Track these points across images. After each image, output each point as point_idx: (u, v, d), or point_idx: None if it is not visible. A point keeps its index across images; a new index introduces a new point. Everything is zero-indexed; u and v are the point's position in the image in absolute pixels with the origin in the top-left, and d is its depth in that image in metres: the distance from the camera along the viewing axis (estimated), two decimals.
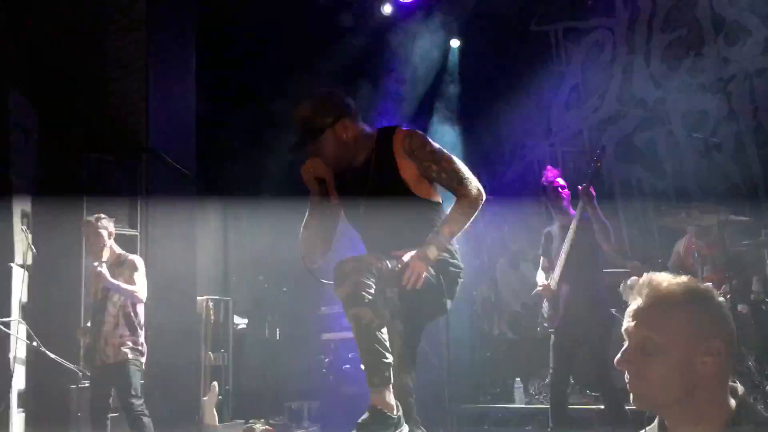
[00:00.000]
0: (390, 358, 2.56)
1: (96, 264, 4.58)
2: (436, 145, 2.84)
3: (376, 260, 2.64)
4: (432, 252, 2.70)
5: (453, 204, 2.81)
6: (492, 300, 7.26)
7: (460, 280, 2.91)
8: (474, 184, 2.80)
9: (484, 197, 2.81)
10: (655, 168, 7.27)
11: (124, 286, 4.59)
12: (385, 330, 2.59)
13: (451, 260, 2.85)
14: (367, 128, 2.94)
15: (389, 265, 2.65)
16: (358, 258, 2.65)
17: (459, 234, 2.81)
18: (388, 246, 2.77)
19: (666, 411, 1.51)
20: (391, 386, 2.57)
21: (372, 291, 2.54)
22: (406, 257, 2.68)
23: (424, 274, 2.67)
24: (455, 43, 8.22)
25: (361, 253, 2.88)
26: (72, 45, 6.30)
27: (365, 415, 2.51)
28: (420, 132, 2.87)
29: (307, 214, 2.96)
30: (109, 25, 6.54)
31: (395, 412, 2.55)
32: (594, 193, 4.52)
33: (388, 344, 2.57)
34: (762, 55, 6.59)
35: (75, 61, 6.30)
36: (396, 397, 2.61)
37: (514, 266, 8.13)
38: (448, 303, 2.86)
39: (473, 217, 2.80)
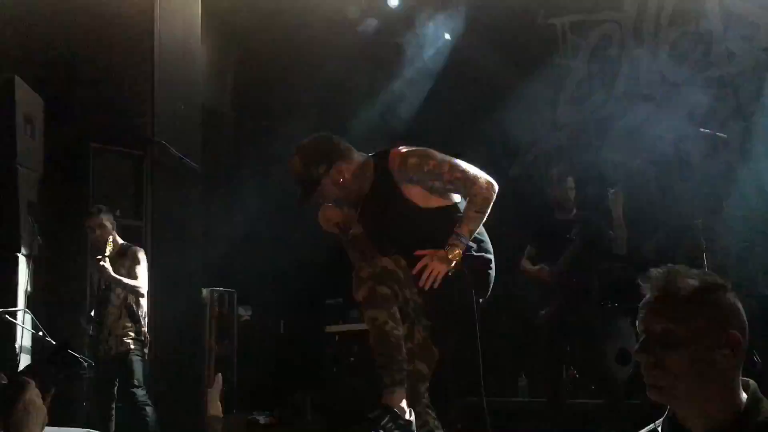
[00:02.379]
0: (404, 362, 2.62)
1: (99, 258, 4.59)
2: (435, 159, 2.82)
3: (393, 263, 2.71)
4: (453, 253, 2.72)
5: (467, 203, 2.83)
6: (497, 295, 7.23)
7: (491, 272, 2.93)
8: (483, 179, 2.82)
9: (497, 188, 2.82)
10: (662, 163, 7.24)
11: (125, 281, 4.61)
12: (400, 332, 2.65)
13: (476, 253, 2.87)
14: (362, 157, 2.97)
15: (407, 268, 2.69)
16: (374, 263, 2.71)
17: (478, 228, 2.84)
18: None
19: (681, 403, 1.51)
20: (403, 390, 2.61)
21: (388, 293, 2.61)
22: (427, 259, 2.72)
23: (447, 273, 2.71)
24: (461, 35, 8.17)
25: None
26: (78, 34, 6.30)
27: (377, 412, 2.55)
28: (414, 153, 2.84)
29: (347, 248, 3.05)
30: (116, 14, 6.52)
31: (406, 416, 2.59)
32: (621, 198, 4.53)
33: (403, 347, 2.64)
34: None
35: (80, 50, 6.29)
36: (408, 385, 2.65)
37: (518, 261, 8.10)
38: (480, 299, 2.89)
39: (489, 210, 2.82)
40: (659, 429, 1.59)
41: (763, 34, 6.60)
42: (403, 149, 2.88)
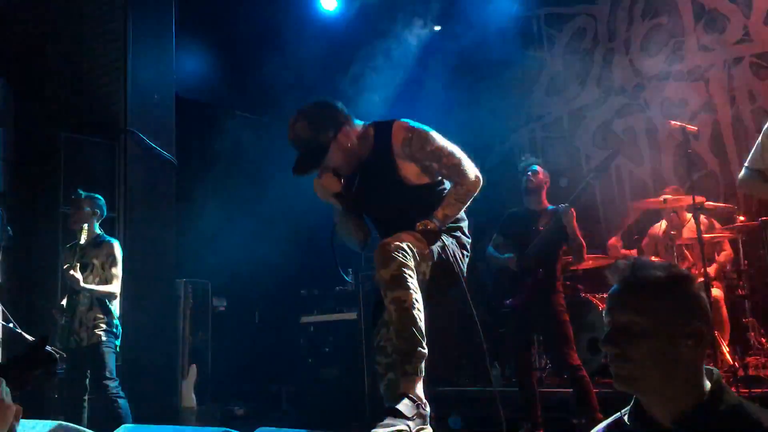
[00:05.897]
0: (425, 349, 2.50)
1: (67, 266, 4.53)
2: (437, 142, 2.81)
3: (415, 239, 2.62)
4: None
5: (451, 188, 2.84)
6: (471, 284, 7.28)
7: (468, 255, 2.96)
8: (473, 172, 2.82)
9: (482, 183, 2.83)
10: (633, 154, 7.33)
11: (97, 288, 4.57)
12: (423, 314, 2.52)
13: (464, 237, 2.92)
14: (361, 123, 2.93)
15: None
16: (398, 238, 2.59)
17: (452, 217, 2.82)
18: (397, 229, 2.75)
19: (646, 393, 1.55)
20: (421, 378, 2.50)
21: (413, 273, 2.52)
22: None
23: (450, 247, 2.75)
24: (437, 28, 8.18)
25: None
26: (48, 22, 6.20)
27: (396, 402, 2.41)
28: (419, 130, 2.82)
29: (336, 215, 2.97)
30: (88, 2, 6.43)
31: (424, 408, 2.49)
32: (575, 213, 4.61)
33: (424, 331, 2.51)
34: (740, 44, 6.64)
35: (52, 38, 6.20)
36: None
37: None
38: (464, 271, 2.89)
39: (468, 202, 2.83)
40: (625, 417, 1.62)
41: (733, 27, 6.69)
42: (407, 124, 2.84)
